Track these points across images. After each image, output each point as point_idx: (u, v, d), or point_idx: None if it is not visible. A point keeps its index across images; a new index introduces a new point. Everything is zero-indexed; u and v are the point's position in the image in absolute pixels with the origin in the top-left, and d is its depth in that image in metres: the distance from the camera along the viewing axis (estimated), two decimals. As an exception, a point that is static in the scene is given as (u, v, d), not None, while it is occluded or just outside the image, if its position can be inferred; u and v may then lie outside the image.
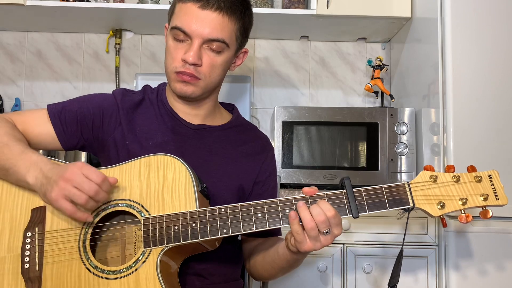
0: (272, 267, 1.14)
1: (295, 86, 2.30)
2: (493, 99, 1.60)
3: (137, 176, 1.05)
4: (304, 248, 0.96)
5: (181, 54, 1.11)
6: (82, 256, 1.01)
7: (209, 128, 1.22)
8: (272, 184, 1.26)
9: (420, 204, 0.97)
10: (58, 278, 1.01)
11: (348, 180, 0.98)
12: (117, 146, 1.17)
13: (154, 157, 1.05)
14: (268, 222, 0.98)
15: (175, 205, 1.01)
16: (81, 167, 0.96)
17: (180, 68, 1.12)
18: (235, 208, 0.99)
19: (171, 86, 1.16)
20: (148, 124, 1.19)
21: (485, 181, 0.98)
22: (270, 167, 1.27)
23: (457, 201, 0.97)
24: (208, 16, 1.10)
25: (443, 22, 1.65)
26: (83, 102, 1.21)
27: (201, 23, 1.09)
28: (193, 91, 1.14)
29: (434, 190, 0.98)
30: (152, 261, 0.98)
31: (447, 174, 0.98)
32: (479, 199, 0.97)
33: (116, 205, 1.03)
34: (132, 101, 1.22)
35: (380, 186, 0.98)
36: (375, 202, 0.97)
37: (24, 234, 1.04)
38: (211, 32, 1.10)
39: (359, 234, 1.64)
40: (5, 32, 2.27)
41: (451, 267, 1.57)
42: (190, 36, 1.10)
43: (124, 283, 0.98)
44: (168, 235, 0.99)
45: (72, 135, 1.18)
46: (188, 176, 1.03)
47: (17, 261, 1.02)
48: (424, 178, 0.98)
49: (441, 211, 0.97)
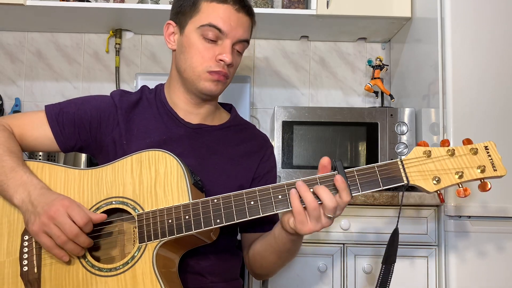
0: (270, 253, 1.12)
1: (295, 86, 2.30)
2: (493, 99, 1.60)
3: (129, 173, 1.05)
4: (305, 230, 0.94)
5: (213, 53, 1.14)
6: (79, 256, 1.01)
7: (208, 128, 1.23)
8: (271, 180, 1.26)
9: (414, 180, 0.93)
10: (56, 279, 1.01)
11: (340, 162, 0.95)
12: (115, 146, 1.17)
13: (145, 153, 1.06)
14: (261, 210, 0.97)
15: (168, 199, 1.02)
16: (68, 206, 0.96)
17: (216, 68, 1.14)
18: (227, 198, 0.99)
19: (199, 85, 1.16)
20: (146, 123, 1.20)
21: (481, 153, 0.94)
22: (269, 164, 1.27)
23: (453, 175, 0.93)
24: (241, 18, 1.16)
25: (443, 22, 1.65)
26: (81, 103, 1.21)
27: (236, 23, 1.14)
28: (220, 90, 1.18)
29: (429, 165, 0.94)
30: (148, 256, 0.99)
31: (441, 148, 0.94)
32: (476, 171, 0.92)
33: (110, 203, 1.04)
34: (129, 101, 1.22)
35: (373, 165, 0.95)
36: (368, 182, 0.95)
37: (21, 238, 1.04)
38: (243, 34, 1.17)
39: (359, 234, 1.64)
40: (5, 32, 2.27)
41: (452, 267, 1.57)
42: (225, 35, 1.14)
43: (121, 280, 0.98)
44: (162, 229, 0.99)
45: (70, 137, 1.18)
46: (180, 169, 1.03)
47: (16, 265, 1.03)
48: (418, 154, 0.95)
49: (437, 186, 0.93)
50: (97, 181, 1.06)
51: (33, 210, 0.98)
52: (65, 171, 1.08)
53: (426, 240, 1.63)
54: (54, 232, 0.96)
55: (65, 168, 1.09)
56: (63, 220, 0.95)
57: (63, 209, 0.96)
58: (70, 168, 1.09)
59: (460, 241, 1.57)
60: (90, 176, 1.07)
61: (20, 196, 1.01)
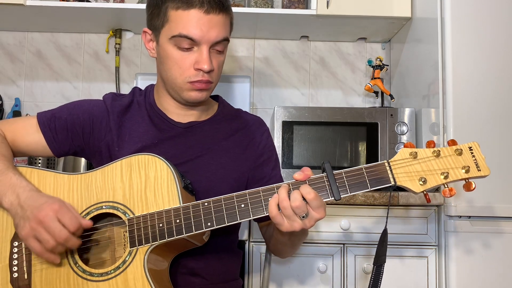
0: (283, 246, 1.18)
1: (295, 86, 2.30)
2: (493, 99, 1.60)
3: (119, 177, 1.04)
4: (282, 229, 0.96)
5: (190, 62, 1.10)
6: (70, 261, 1.01)
7: (199, 124, 1.22)
8: (272, 165, 1.25)
9: (401, 181, 0.96)
10: (47, 285, 1.01)
11: (328, 164, 0.98)
12: (109, 151, 1.17)
13: (135, 157, 1.05)
14: (252, 212, 0.98)
15: (158, 203, 1.01)
16: (57, 211, 0.95)
17: (195, 78, 1.11)
18: (218, 201, 0.99)
19: (183, 95, 1.14)
20: (137, 127, 1.19)
21: (465, 154, 0.96)
22: (267, 148, 1.26)
23: (438, 176, 0.95)
24: (213, 19, 1.09)
25: (443, 22, 1.65)
26: (72, 109, 1.21)
27: (208, 28, 1.08)
28: (206, 96, 1.16)
29: (415, 166, 0.96)
30: (139, 261, 0.99)
31: (427, 149, 0.97)
32: (460, 171, 0.95)
33: (100, 208, 1.03)
34: (121, 105, 1.21)
35: (360, 167, 0.98)
36: (356, 183, 0.97)
37: (11, 244, 1.04)
38: (218, 35, 1.10)
39: (359, 234, 1.64)
40: (5, 32, 2.27)
41: (452, 267, 1.57)
42: (199, 43, 1.09)
43: (113, 284, 0.98)
44: (153, 233, 0.99)
45: (63, 143, 1.18)
46: (170, 173, 1.03)
47: (6, 271, 1.03)
48: (404, 155, 0.97)
49: (423, 186, 0.95)
50: (87, 186, 1.05)
51: (22, 214, 0.97)
52: (55, 176, 1.08)
53: (426, 240, 1.63)
54: (43, 237, 0.95)
55: (55, 173, 1.08)
56: (52, 225, 0.94)
57: (53, 214, 0.95)
58: (59, 173, 1.08)
59: (460, 241, 1.57)
60: (80, 181, 1.06)
61: (8, 199, 1.00)
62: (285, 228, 0.96)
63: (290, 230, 0.96)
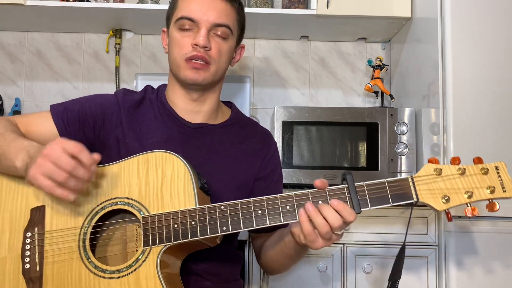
0: (282, 257, 1.15)
1: (295, 86, 2.30)
2: (493, 99, 1.60)
3: (135, 173, 1.04)
4: (316, 247, 0.95)
5: (189, 41, 1.15)
6: (82, 256, 1.01)
7: (209, 127, 1.22)
8: (275, 179, 1.26)
9: (424, 198, 0.94)
10: (58, 278, 1.00)
11: (350, 175, 0.95)
12: (118, 144, 1.17)
13: (152, 154, 1.05)
14: (269, 219, 0.97)
15: (174, 203, 1.01)
16: (60, 141, 0.93)
17: (191, 53, 1.14)
18: (234, 205, 0.98)
19: (181, 75, 1.17)
20: (148, 123, 1.20)
21: (491, 173, 0.93)
22: (272, 162, 1.26)
23: (462, 195, 0.93)
24: (214, 2, 1.16)
25: (443, 22, 1.65)
26: (85, 101, 1.22)
27: (207, 9, 1.14)
28: (204, 78, 1.16)
29: (439, 183, 0.94)
30: (152, 260, 0.98)
31: (452, 166, 0.94)
32: (485, 191, 0.93)
33: (115, 204, 1.03)
34: (133, 100, 1.22)
35: (383, 181, 0.95)
36: (377, 197, 0.95)
37: (24, 234, 1.03)
38: (218, 17, 1.15)
39: (359, 234, 1.64)
40: (5, 32, 2.27)
41: (452, 267, 1.57)
42: (198, 23, 1.14)
43: (125, 283, 0.97)
44: (168, 233, 0.98)
45: (75, 135, 1.18)
46: (187, 172, 1.02)
47: (18, 262, 1.02)
48: (428, 171, 0.95)
49: (446, 205, 0.93)
50: (102, 180, 1.05)
51: (31, 162, 0.95)
52: None
53: (426, 240, 1.63)
54: (51, 170, 0.91)
55: None
56: (58, 155, 0.91)
57: (57, 146, 0.92)
58: None
59: (460, 241, 1.57)
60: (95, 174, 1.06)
61: (21, 158, 0.98)
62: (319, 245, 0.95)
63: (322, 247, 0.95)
